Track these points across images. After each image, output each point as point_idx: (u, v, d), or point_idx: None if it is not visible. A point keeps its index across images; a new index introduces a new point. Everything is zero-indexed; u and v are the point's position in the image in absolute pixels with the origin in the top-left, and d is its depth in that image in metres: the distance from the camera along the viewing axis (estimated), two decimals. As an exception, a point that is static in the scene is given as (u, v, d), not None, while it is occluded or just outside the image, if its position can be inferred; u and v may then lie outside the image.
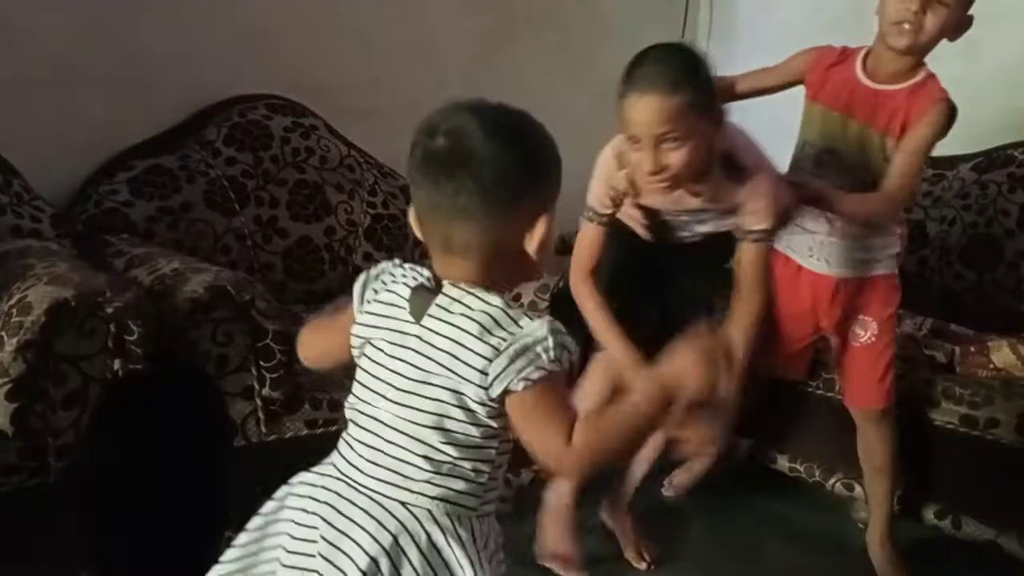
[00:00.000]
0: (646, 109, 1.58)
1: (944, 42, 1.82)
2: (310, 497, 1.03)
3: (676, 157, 1.60)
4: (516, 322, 0.98)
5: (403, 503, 1.00)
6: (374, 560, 0.97)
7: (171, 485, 1.90)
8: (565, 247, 2.83)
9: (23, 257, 1.75)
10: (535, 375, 0.95)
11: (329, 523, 0.99)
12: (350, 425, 1.06)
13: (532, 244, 1.01)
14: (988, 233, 2.58)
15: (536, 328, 0.97)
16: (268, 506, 1.07)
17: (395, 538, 0.98)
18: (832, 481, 2.29)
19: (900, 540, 2.07)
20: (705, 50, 3.40)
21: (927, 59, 1.86)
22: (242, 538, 1.07)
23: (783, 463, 2.39)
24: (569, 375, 1.01)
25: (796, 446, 2.38)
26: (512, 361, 0.95)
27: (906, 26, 1.78)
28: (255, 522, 1.07)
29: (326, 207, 2.50)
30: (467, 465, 1.01)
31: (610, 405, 1.01)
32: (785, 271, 2.11)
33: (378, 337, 1.03)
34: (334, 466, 1.05)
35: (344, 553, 0.98)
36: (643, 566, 2.05)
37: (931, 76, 1.86)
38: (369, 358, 1.04)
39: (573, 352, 0.99)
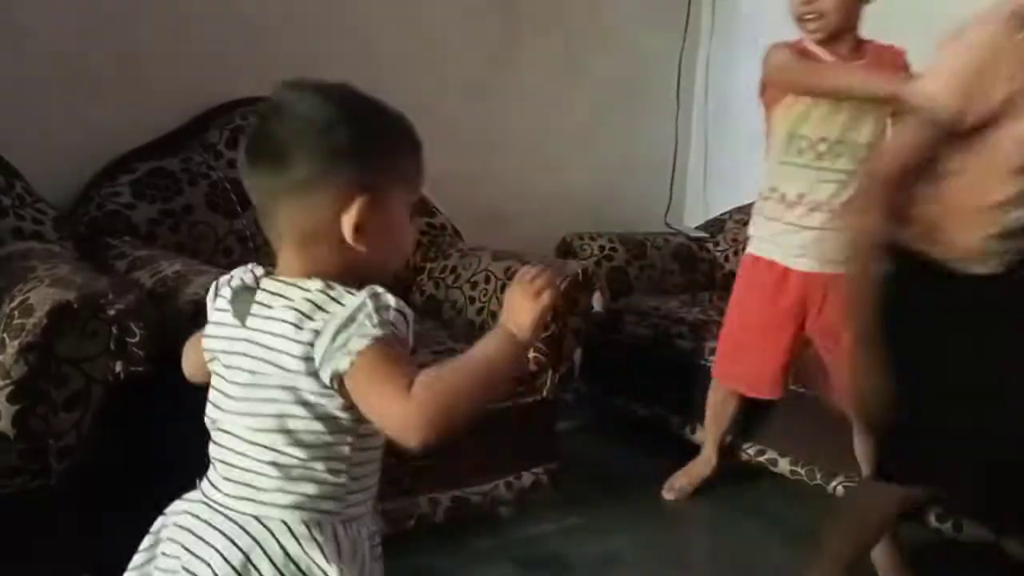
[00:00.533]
0: None
1: None
2: (175, 524, 0.97)
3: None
4: (337, 301, 0.89)
5: (256, 517, 0.92)
6: None
7: (171, 488, 1.90)
8: (568, 249, 2.86)
9: (25, 259, 1.75)
10: (359, 345, 0.87)
11: (187, 548, 0.93)
12: (211, 444, 0.99)
13: (345, 229, 0.91)
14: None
15: (354, 299, 0.89)
16: (145, 541, 1.02)
17: (247, 556, 0.90)
18: (834, 484, 2.29)
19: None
20: (707, 52, 3.42)
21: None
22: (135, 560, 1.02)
23: (784, 466, 2.40)
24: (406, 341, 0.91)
25: (797, 449, 2.38)
26: (333, 339, 0.87)
27: (807, 19, 1.87)
28: (136, 559, 1.02)
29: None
30: (319, 466, 0.92)
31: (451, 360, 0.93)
32: (768, 277, 2.09)
33: (218, 348, 0.97)
34: (200, 489, 0.99)
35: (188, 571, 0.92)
36: None
37: (874, 43, 1.91)
38: (215, 371, 0.98)
39: (403, 311, 0.91)
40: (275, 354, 0.91)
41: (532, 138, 3.05)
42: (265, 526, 0.91)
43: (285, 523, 0.92)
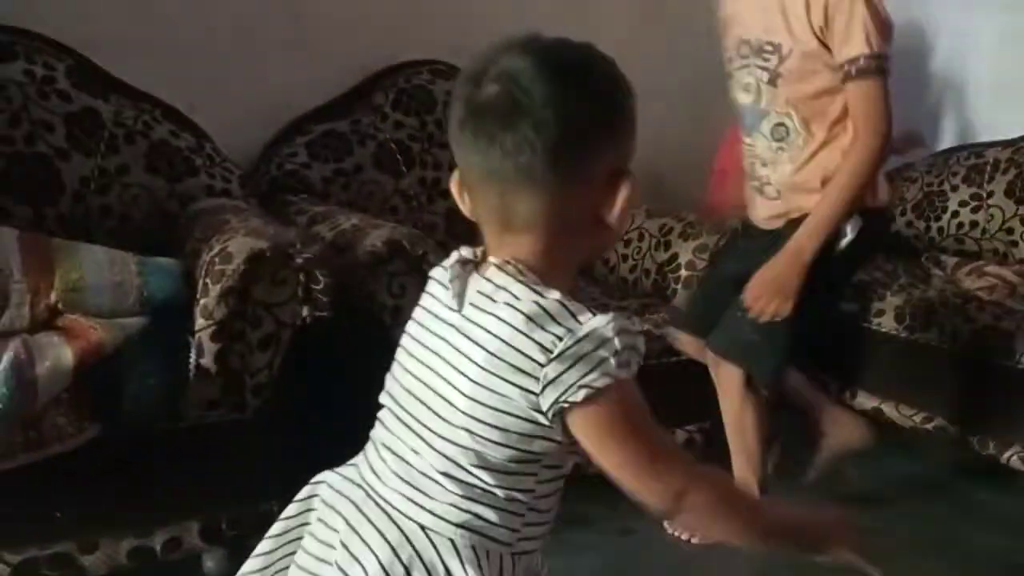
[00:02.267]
0: None
1: None
2: (327, 504, 0.90)
3: None
4: (575, 317, 0.78)
5: (422, 526, 0.83)
6: None
7: (350, 426, 2.03)
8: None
9: (218, 214, 1.90)
10: (599, 383, 0.76)
11: (343, 543, 0.85)
12: (378, 425, 0.91)
13: (613, 212, 0.82)
14: None
15: (600, 325, 0.77)
16: (290, 509, 0.95)
17: (407, 569, 0.82)
18: (1008, 454, 2.17)
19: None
20: None
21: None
22: (265, 545, 0.95)
23: (954, 434, 2.29)
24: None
25: (968, 417, 2.27)
26: (571, 365, 0.76)
27: None
28: (276, 528, 0.95)
29: (485, 169, 2.56)
30: (500, 493, 0.82)
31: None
32: None
33: (416, 325, 0.88)
34: (357, 470, 0.91)
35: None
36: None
37: None
38: (405, 349, 0.89)
39: (642, 355, 0.80)
40: (486, 356, 0.80)
41: (686, 92, 3.00)
42: (431, 540, 0.83)
43: (453, 542, 0.82)
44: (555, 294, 0.80)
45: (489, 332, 0.80)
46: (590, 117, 0.80)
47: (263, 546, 0.94)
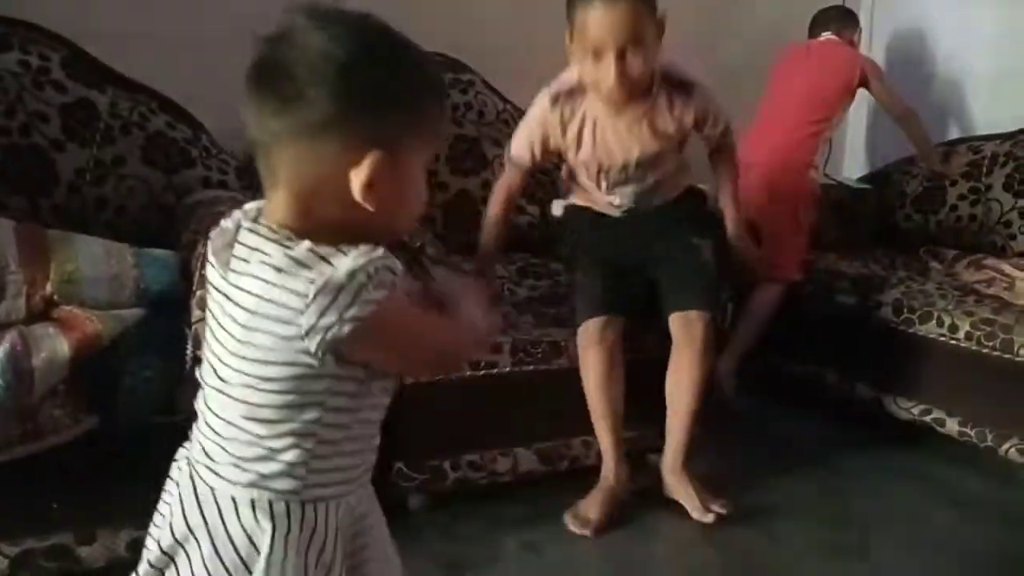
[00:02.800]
0: (614, 15, 1.77)
1: None
2: (170, 477, 0.94)
3: (637, 64, 1.82)
4: (326, 260, 0.79)
5: (212, 488, 0.86)
6: (167, 554, 0.88)
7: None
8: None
9: (214, 205, 1.89)
10: (364, 311, 0.78)
11: (167, 506, 0.91)
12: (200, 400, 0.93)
13: (354, 186, 0.81)
14: None
15: (350, 259, 0.79)
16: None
17: (191, 531, 0.87)
18: (1006, 447, 2.18)
19: None
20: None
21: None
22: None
23: (952, 427, 2.29)
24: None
25: (967, 409, 2.27)
26: (330, 304, 0.78)
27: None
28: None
29: (482, 161, 2.56)
30: (275, 444, 0.84)
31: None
32: None
33: (211, 297, 0.89)
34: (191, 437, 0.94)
35: (154, 539, 0.91)
36: (710, 518, 1.96)
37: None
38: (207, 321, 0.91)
39: (398, 272, 0.81)
40: (246, 315, 0.82)
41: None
42: (216, 502, 0.86)
43: (234, 499, 0.85)
44: (305, 243, 0.80)
45: (245, 291, 0.82)
46: (336, 82, 0.80)
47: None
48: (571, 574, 1.82)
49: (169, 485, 0.94)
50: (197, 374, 0.91)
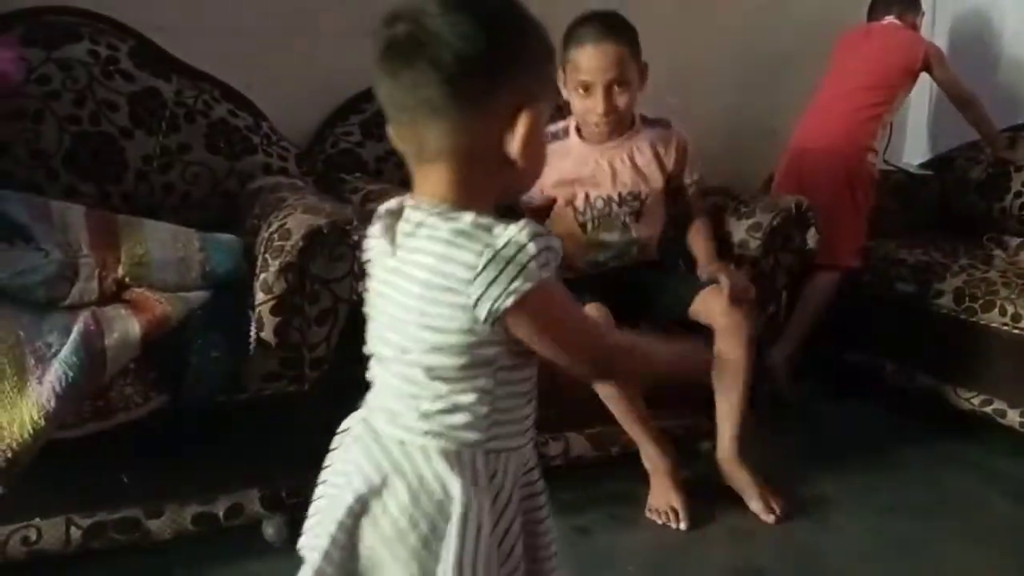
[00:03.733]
0: (603, 55, 1.94)
1: None
2: (346, 444, 0.99)
3: (624, 99, 1.99)
4: (489, 231, 0.84)
5: (400, 441, 0.92)
6: (362, 501, 0.91)
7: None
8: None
9: (276, 191, 1.94)
10: (525, 287, 0.83)
11: (348, 471, 0.95)
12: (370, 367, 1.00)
13: (514, 144, 0.86)
14: None
15: (514, 233, 0.83)
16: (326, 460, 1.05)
17: (384, 481, 0.91)
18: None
19: None
20: None
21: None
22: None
23: (1013, 418, 2.25)
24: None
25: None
26: (496, 276, 0.82)
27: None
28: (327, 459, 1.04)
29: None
30: (461, 399, 0.90)
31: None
32: None
33: (376, 277, 0.96)
34: (361, 409, 1.00)
35: (338, 489, 0.95)
36: (771, 519, 1.95)
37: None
38: (370, 302, 0.98)
39: (559, 254, 0.86)
40: (421, 287, 0.87)
41: (733, 72, 2.96)
42: (407, 452, 0.91)
43: (425, 449, 0.90)
44: (468, 216, 0.85)
45: (418, 264, 0.87)
46: (487, 49, 0.83)
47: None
48: (624, 558, 1.84)
49: (340, 454, 0.99)
50: (365, 347, 0.97)
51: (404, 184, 2.33)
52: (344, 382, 1.75)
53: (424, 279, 0.86)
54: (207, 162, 2.10)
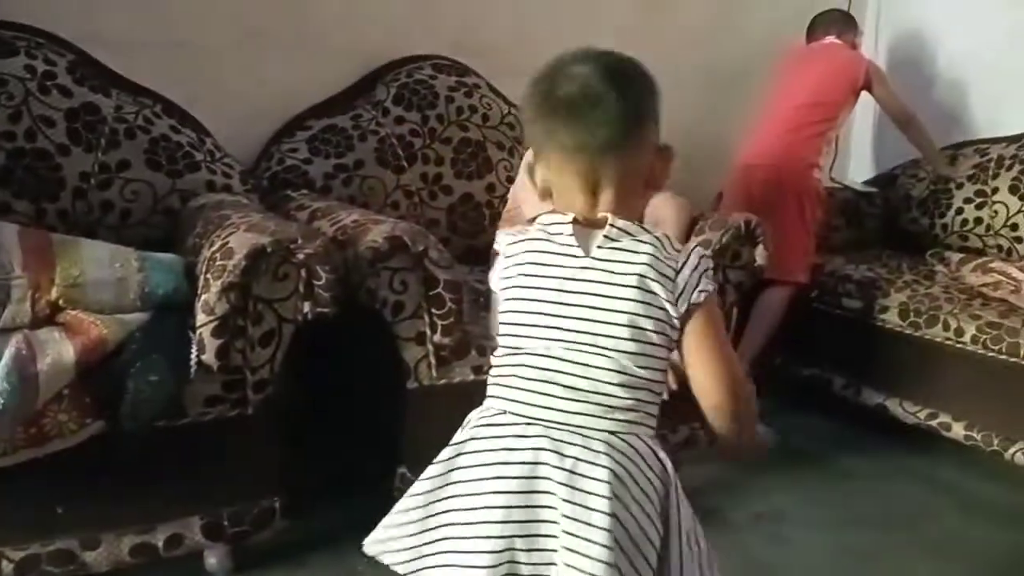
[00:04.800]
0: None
1: None
2: (507, 448, 1.02)
3: None
4: (674, 247, 1.06)
5: (612, 432, 1.01)
6: (616, 496, 0.97)
7: (351, 422, 2.03)
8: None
9: (219, 209, 1.89)
10: (709, 287, 1.04)
11: (567, 468, 0.98)
12: (524, 370, 1.05)
13: (662, 176, 1.10)
14: None
15: (693, 250, 1.06)
16: (445, 452, 1.08)
17: (623, 467, 0.99)
18: (1012, 450, 2.17)
19: None
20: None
21: None
22: (423, 486, 1.07)
23: (958, 431, 2.29)
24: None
25: (973, 413, 2.26)
26: (689, 277, 1.03)
27: None
28: (433, 470, 1.07)
29: (487, 164, 2.55)
30: (656, 387, 1.04)
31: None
32: None
33: (533, 280, 1.06)
34: (510, 414, 1.04)
35: (583, 491, 0.98)
36: None
37: None
38: (530, 304, 1.05)
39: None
40: (637, 279, 1.03)
41: (683, 91, 2.99)
42: (625, 441, 1.01)
43: (638, 436, 1.02)
44: (655, 231, 1.07)
45: (629, 263, 1.04)
46: (642, 103, 1.07)
47: (421, 487, 1.07)
48: None
49: (501, 456, 1.02)
50: (518, 341, 1.07)
51: (351, 201, 2.33)
52: (289, 406, 1.75)
53: (642, 272, 1.04)
54: (148, 179, 2.05)
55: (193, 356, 1.57)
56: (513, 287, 1.08)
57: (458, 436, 1.08)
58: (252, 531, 1.70)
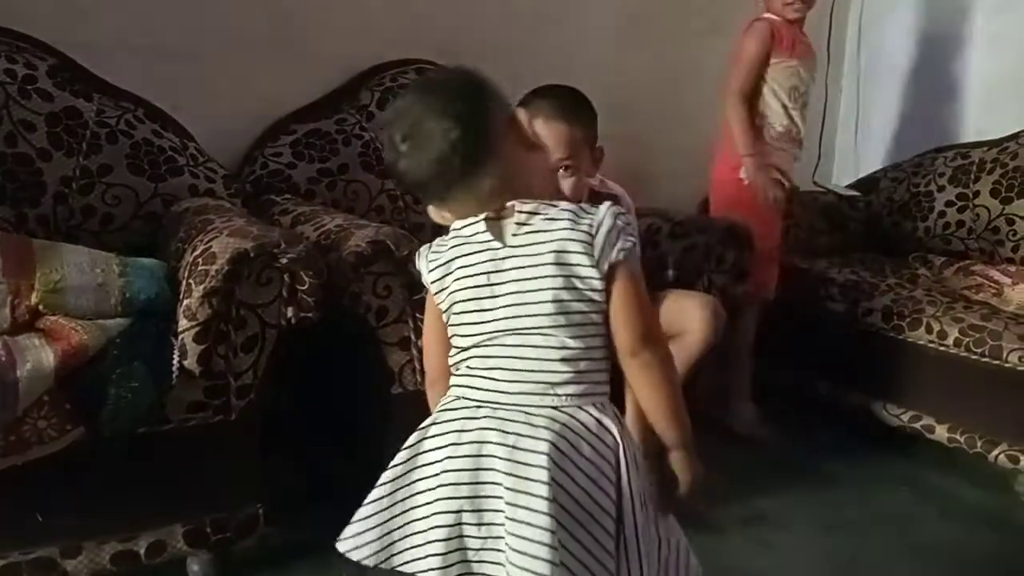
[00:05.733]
0: (552, 135, 1.71)
1: None
2: (457, 430, 1.07)
3: (568, 184, 1.75)
4: (587, 211, 1.08)
5: (555, 407, 1.05)
6: (557, 468, 1.01)
7: (335, 427, 2.02)
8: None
9: (202, 213, 1.88)
10: (627, 245, 1.06)
11: (508, 444, 1.02)
12: (468, 364, 1.11)
13: (538, 160, 1.17)
14: None
15: (606, 210, 1.07)
16: (399, 456, 1.11)
17: (561, 438, 1.02)
18: (995, 453, 2.18)
19: None
20: (860, 3, 3.27)
21: None
22: (387, 475, 1.10)
23: (941, 433, 2.30)
24: None
25: (956, 416, 2.28)
26: (607, 237, 1.05)
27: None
28: (399, 457, 1.11)
29: (472, 169, 2.55)
30: (596, 353, 1.07)
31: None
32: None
33: (472, 278, 1.10)
34: (463, 399, 1.10)
35: (524, 463, 1.01)
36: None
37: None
38: (467, 299, 1.10)
39: (635, 229, 1.11)
40: (555, 255, 1.05)
41: (672, 95, 3.00)
42: (568, 413, 1.04)
43: (582, 408, 1.05)
44: (564, 204, 1.09)
45: (544, 243, 1.06)
46: (468, 129, 1.05)
47: (386, 476, 1.10)
48: None
49: (457, 438, 1.06)
50: (464, 340, 1.11)
51: (335, 205, 2.32)
52: (272, 411, 1.74)
53: (557, 247, 1.08)
54: (130, 183, 2.03)
55: (175, 362, 1.55)
56: (449, 293, 1.12)
57: (423, 423, 1.13)
58: (235, 538, 1.69)
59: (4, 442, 1.43)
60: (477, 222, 1.10)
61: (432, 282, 1.14)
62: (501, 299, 1.08)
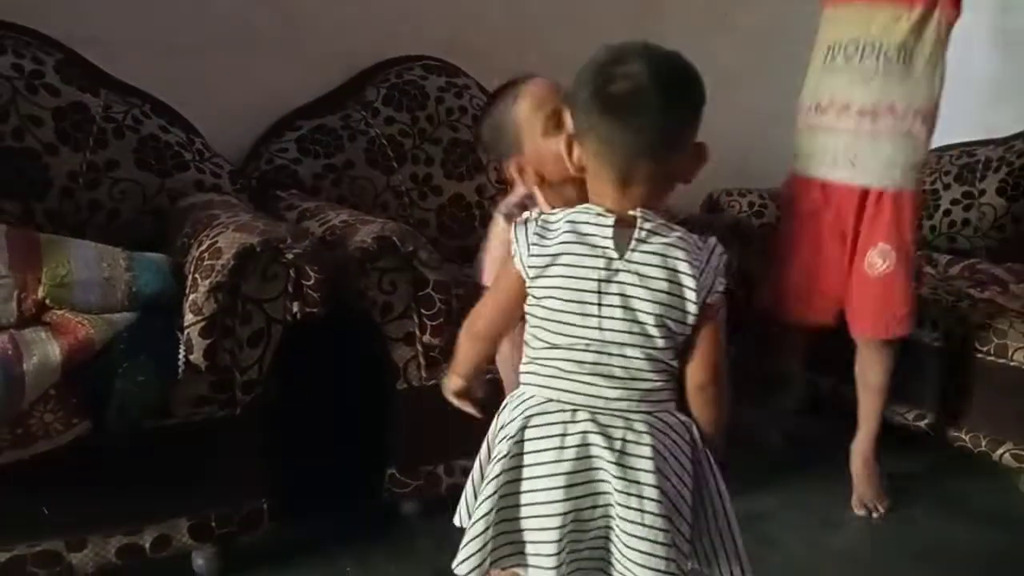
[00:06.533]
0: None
1: None
2: (560, 434, 1.11)
3: None
4: (697, 244, 1.12)
5: (648, 412, 1.12)
6: (659, 470, 1.10)
7: (340, 422, 2.02)
8: (715, 205, 2.81)
9: (208, 208, 1.89)
10: (721, 287, 1.12)
11: (616, 448, 1.09)
12: (565, 364, 1.13)
13: (694, 173, 1.14)
14: None
15: (714, 245, 1.13)
16: (504, 447, 1.14)
17: (662, 444, 1.11)
18: (1000, 452, 2.18)
19: None
20: None
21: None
22: (488, 488, 1.13)
23: (946, 432, 2.29)
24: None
25: (961, 415, 2.27)
26: (711, 274, 1.11)
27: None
28: (498, 467, 1.13)
29: (478, 165, 2.55)
30: (675, 364, 1.13)
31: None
32: (808, 199, 2.08)
33: (568, 282, 1.11)
34: (555, 402, 1.13)
35: (633, 468, 1.10)
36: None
37: None
38: (569, 301, 1.12)
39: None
40: (666, 284, 1.09)
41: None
42: (661, 419, 1.12)
43: (670, 412, 1.14)
44: (679, 229, 1.13)
45: (659, 267, 1.09)
46: (687, 113, 1.11)
47: (493, 470, 1.14)
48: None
49: (559, 452, 1.11)
50: (557, 339, 1.13)
51: (340, 201, 2.32)
52: (277, 406, 1.74)
53: (671, 276, 1.11)
54: (136, 178, 2.04)
55: (181, 356, 1.56)
56: (550, 287, 1.13)
57: (505, 425, 1.15)
58: (240, 532, 1.70)
59: (11, 436, 1.44)
60: (604, 226, 1.11)
61: (530, 267, 1.14)
62: (608, 309, 1.11)
